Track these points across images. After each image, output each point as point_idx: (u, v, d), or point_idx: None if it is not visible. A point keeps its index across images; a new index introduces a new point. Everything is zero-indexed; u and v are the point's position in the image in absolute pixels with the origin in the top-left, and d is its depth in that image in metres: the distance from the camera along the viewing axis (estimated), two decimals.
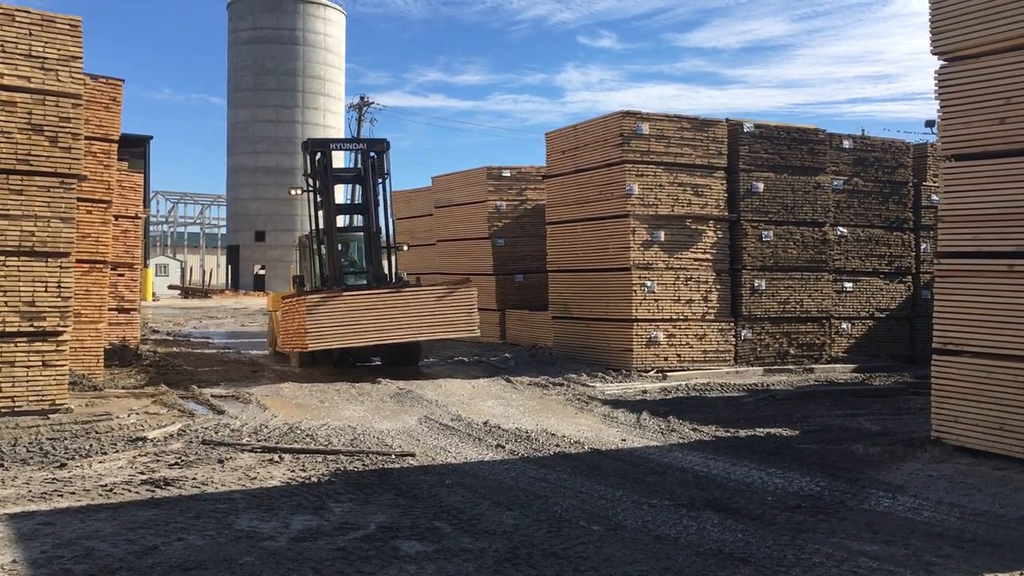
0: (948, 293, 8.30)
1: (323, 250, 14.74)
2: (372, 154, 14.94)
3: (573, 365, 14.88)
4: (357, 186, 16.04)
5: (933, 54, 8.45)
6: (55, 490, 6.62)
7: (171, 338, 21.66)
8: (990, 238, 7.92)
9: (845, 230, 16.21)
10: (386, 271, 14.79)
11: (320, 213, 14.62)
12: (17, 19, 9.63)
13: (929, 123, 38.35)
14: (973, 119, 8.07)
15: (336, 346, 13.47)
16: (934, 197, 16.26)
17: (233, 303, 42.26)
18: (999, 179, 7.84)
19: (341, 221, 16.17)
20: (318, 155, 14.78)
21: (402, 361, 14.85)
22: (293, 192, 15.24)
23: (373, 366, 15.02)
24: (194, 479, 7.01)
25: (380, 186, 14.89)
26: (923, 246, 16.97)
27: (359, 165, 15.72)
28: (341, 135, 61.52)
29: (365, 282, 14.59)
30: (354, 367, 14.79)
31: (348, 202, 17.64)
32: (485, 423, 9.82)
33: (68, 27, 9.93)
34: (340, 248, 15.01)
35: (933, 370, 8.38)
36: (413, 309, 13.48)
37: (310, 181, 14.78)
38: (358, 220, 16.21)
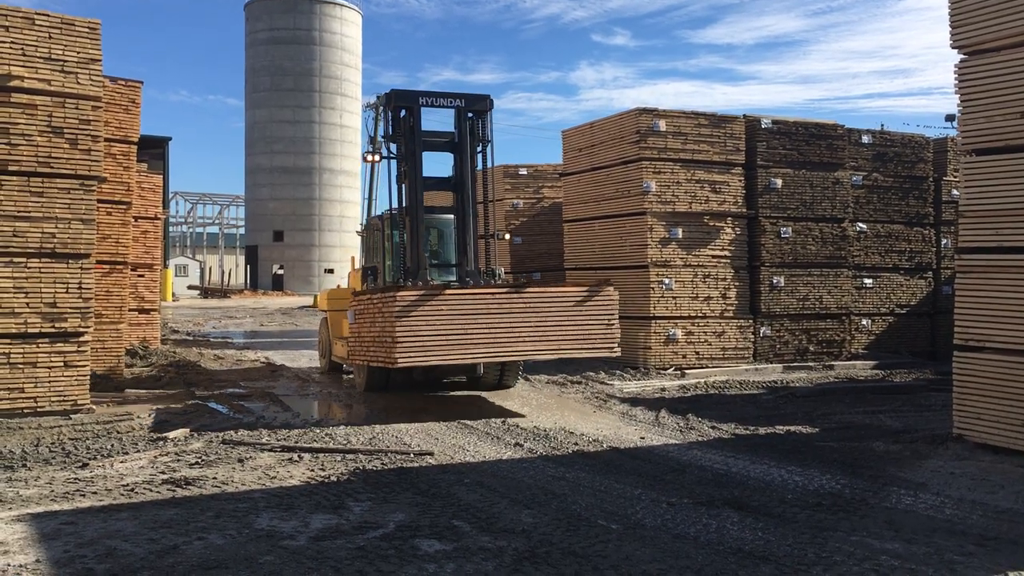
0: (969, 289, 8.22)
1: (403, 235, 11.39)
2: (470, 114, 11.38)
3: (591, 363, 14.81)
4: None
5: (953, 48, 8.38)
6: (77, 490, 6.67)
7: (191, 338, 21.79)
8: (1012, 233, 7.83)
9: (864, 226, 16.10)
10: (478, 266, 11.44)
11: (403, 187, 11.26)
12: (37, 22, 9.72)
13: (949, 117, 37.97)
14: (994, 113, 7.99)
15: (434, 362, 10.01)
16: (955, 192, 16.12)
17: (252, 303, 42.47)
18: (1021, 173, 7.77)
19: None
20: (402, 112, 11.23)
21: (497, 383, 12.11)
22: (369, 158, 11.86)
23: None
24: (214, 479, 7.05)
25: (479, 156, 11.58)
26: (944, 241, 16.84)
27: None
28: (358, 135, 61.52)
29: (455, 279, 11.45)
30: (433, 388, 12.29)
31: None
32: (503, 422, 9.82)
33: (87, 30, 10.01)
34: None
35: (955, 366, 8.31)
36: (538, 316, 10.06)
37: (391, 146, 11.41)
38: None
